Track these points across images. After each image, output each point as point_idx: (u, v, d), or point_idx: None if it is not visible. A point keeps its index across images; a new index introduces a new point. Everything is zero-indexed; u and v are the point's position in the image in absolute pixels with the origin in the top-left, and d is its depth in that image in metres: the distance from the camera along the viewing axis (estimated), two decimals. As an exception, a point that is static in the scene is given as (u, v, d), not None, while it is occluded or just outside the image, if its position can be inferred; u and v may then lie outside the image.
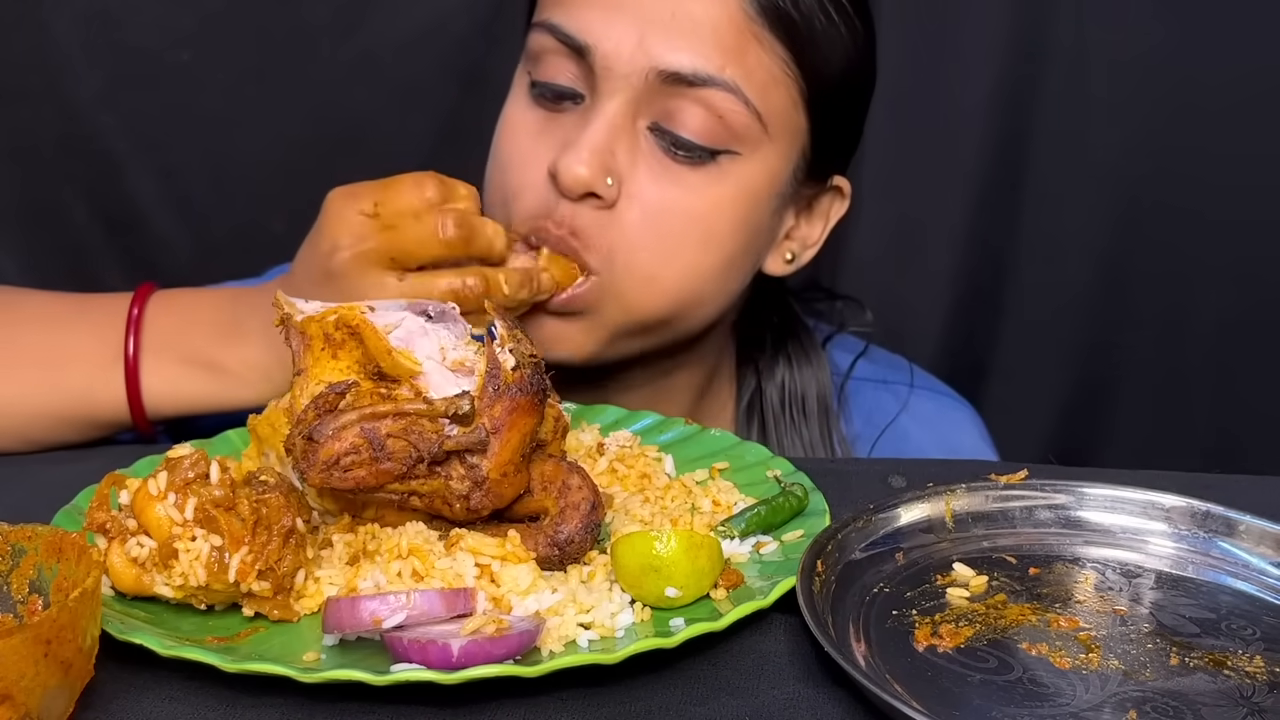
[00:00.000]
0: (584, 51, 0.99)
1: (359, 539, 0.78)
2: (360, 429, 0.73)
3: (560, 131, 1.01)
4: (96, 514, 0.74)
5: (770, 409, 1.17)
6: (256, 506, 0.72)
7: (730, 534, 0.82)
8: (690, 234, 1.01)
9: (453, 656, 0.65)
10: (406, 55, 1.50)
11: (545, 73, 1.02)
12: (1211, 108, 1.57)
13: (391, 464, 0.74)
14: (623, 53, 0.97)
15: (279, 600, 0.73)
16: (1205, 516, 0.85)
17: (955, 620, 0.75)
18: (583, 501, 0.78)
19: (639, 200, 0.99)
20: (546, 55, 1.01)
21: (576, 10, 1.00)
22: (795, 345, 1.19)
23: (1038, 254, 1.64)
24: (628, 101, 0.98)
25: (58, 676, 0.59)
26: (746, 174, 1.01)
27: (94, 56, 1.45)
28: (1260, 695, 0.69)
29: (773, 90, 1.00)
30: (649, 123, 1.00)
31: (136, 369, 0.98)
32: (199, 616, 0.74)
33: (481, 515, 0.78)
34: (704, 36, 0.97)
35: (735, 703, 0.67)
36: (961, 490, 0.87)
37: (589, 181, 0.97)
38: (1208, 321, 1.64)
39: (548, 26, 1.01)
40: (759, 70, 0.99)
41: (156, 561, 0.72)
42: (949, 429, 1.26)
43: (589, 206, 0.99)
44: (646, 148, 1.00)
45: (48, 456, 0.96)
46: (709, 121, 0.98)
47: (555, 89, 1.02)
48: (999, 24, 1.57)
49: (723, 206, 1.01)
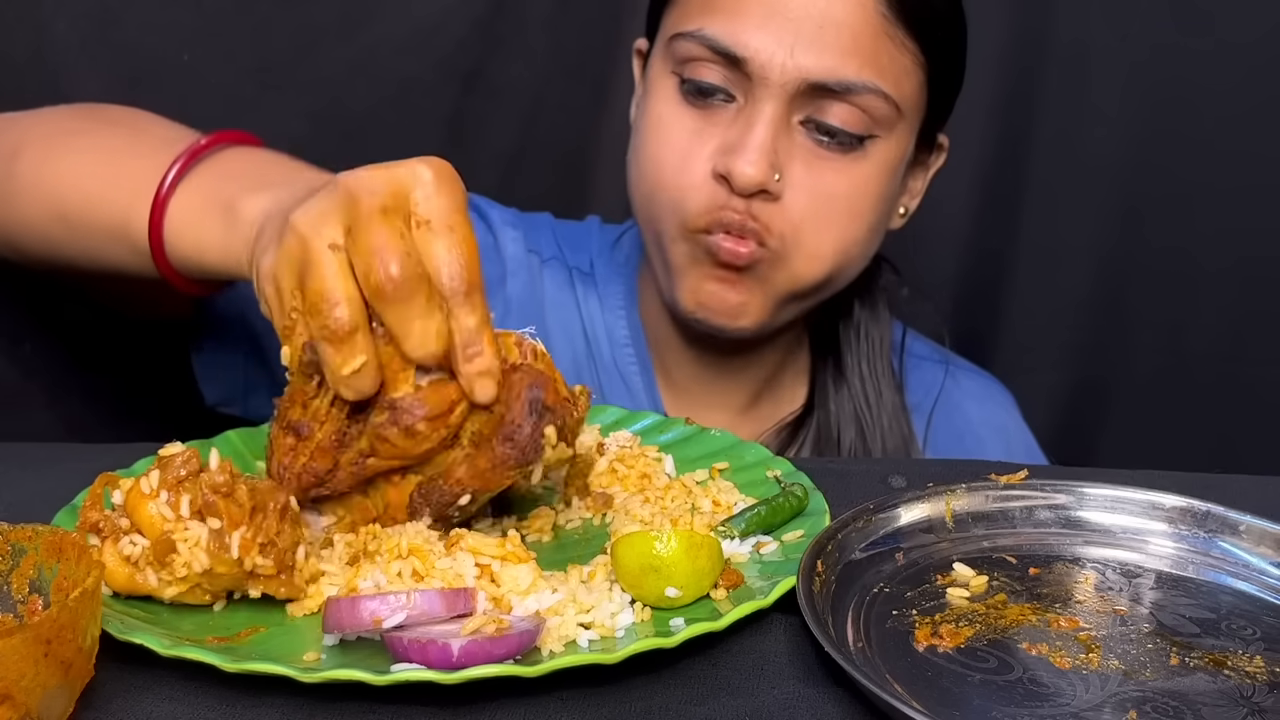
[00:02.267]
0: (739, 61, 1.07)
1: (359, 539, 0.78)
2: (281, 429, 0.78)
3: (717, 130, 1.10)
4: (90, 513, 0.74)
5: (848, 342, 1.27)
6: (254, 492, 0.73)
7: (730, 534, 0.82)
8: (844, 212, 1.11)
9: (453, 656, 0.65)
10: (406, 55, 1.50)
11: (697, 73, 1.10)
12: (1212, 109, 1.57)
13: (317, 437, 0.77)
14: (775, 64, 1.06)
15: (283, 579, 0.73)
16: (1205, 516, 0.85)
17: (955, 620, 0.75)
18: (518, 383, 0.76)
19: (801, 189, 1.09)
20: (694, 60, 1.10)
21: (730, 22, 1.07)
22: (865, 291, 1.28)
23: (1037, 255, 1.64)
24: (782, 103, 1.07)
25: (58, 676, 0.59)
26: (885, 152, 1.12)
27: (94, 56, 1.45)
28: (1260, 695, 0.69)
29: (905, 80, 1.10)
30: (801, 118, 1.09)
31: (168, 196, 0.95)
32: (199, 616, 0.74)
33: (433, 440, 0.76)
34: (846, 44, 1.06)
35: (735, 703, 0.67)
36: (961, 490, 0.87)
37: (762, 181, 1.07)
38: (1208, 322, 1.64)
39: (700, 36, 1.09)
40: (893, 66, 1.09)
41: (150, 560, 0.72)
42: (999, 410, 1.37)
43: (759, 200, 1.09)
44: (800, 140, 1.10)
45: (48, 456, 0.96)
46: (854, 115, 1.08)
47: (709, 87, 1.10)
48: (999, 25, 1.57)
49: (869, 184, 1.12)
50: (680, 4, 1.12)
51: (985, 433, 1.33)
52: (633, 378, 1.25)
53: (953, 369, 1.35)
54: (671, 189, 1.11)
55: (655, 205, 1.13)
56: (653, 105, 1.14)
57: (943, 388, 1.31)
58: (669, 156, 1.12)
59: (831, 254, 1.12)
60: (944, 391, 1.31)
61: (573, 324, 1.26)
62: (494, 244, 1.25)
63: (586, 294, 1.27)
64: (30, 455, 0.97)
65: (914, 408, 1.29)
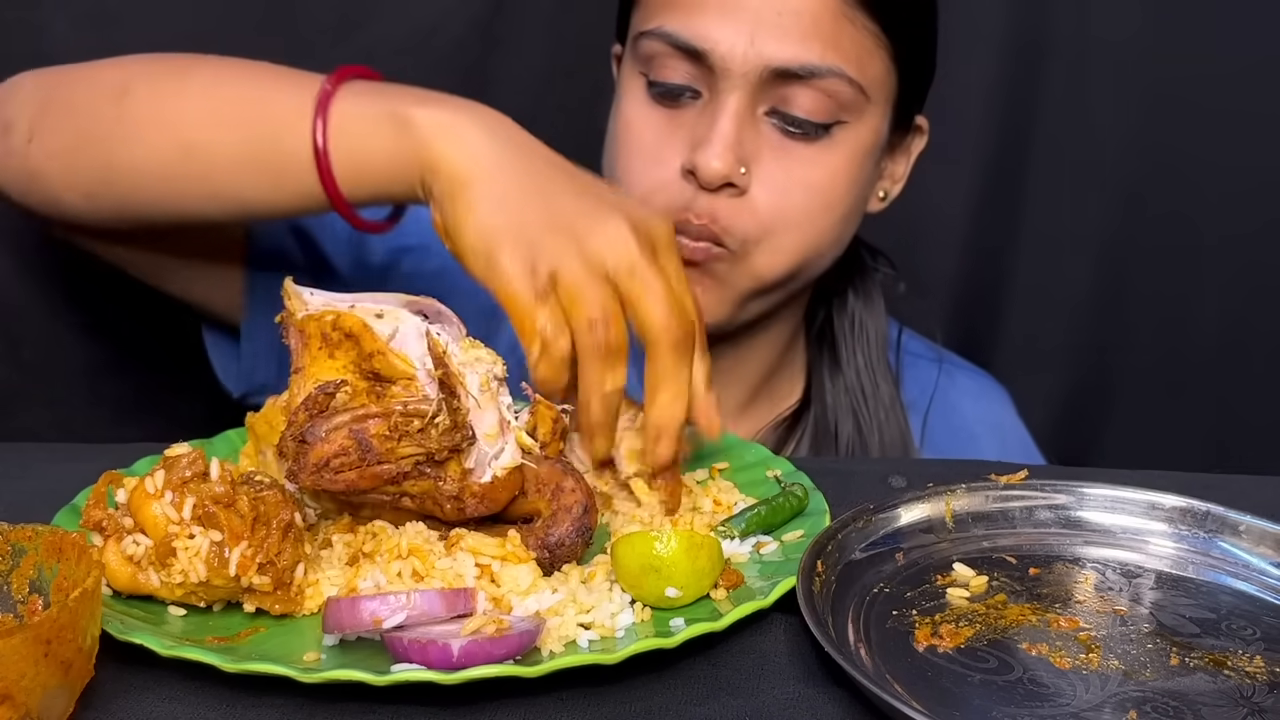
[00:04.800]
0: (700, 55, 1.07)
1: (359, 539, 0.78)
2: (350, 430, 0.74)
3: (683, 129, 1.09)
4: (93, 512, 0.74)
5: (842, 333, 1.27)
6: (255, 503, 0.72)
7: (730, 534, 0.82)
8: (814, 202, 1.10)
9: (453, 656, 0.65)
10: (405, 55, 1.50)
11: (662, 73, 1.10)
12: (1213, 109, 1.57)
13: (381, 466, 0.74)
14: (736, 54, 1.05)
15: (279, 595, 0.73)
16: (1205, 516, 0.85)
17: (955, 620, 0.75)
18: (575, 504, 0.78)
19: (768, 182, 1.08)
20: (659, 58, 1.09)
21: (689, 17, 1.07)
22: (860, 281, 1.28)
23: (1037, 256, 1.64)
24: (746, 95, 1.07)
25: (58, 676, 0.59)
26: (855, 139, 1.11)
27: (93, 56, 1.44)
28: (1260, 695, 0.69)
29: (868, 62, 1.09)
30: (766, 109, 1.08)
31: (328, 104, 0.93)
32: (199, 616, 0.74)
33: (472, 518, 0.78)
34: (806, 29, 1.05)
35: (735, 703, 0.67)
36: (961, 490, 0.87)
37: (727, 174, 1.06)
38: (1208, 322, 1.64)
39: (661, 33, 1.08)
40: (855, 48, 1.07)
41: (153, 560, 0.72)
42: (995, 407, 1.37)
43: (725, 195, 1.08)
44: (766, 131, 1.09)
45: (48, 456, 0.96)
46: (820, 102, 1.07)
47: (675, 87, 1.09)
48: (999, 24, 1.57)
49: (839, 172, 1.11)
50: (643, 4, 1.13)
51: (981, 430, 1.33)
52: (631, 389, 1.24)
53: (948, 367, 1.35)
54: (641, 189, 1.10)
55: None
56: (622, 108, 1.14)
57: (939, 386, 1.30)
58: (638, 157, 1.12)
59: (798, 250, 1.11)
60: (940, 389, 1.30)
61: None
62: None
63: None
64: (30, 455, 0.97)
65: (910, 405, 1.29)
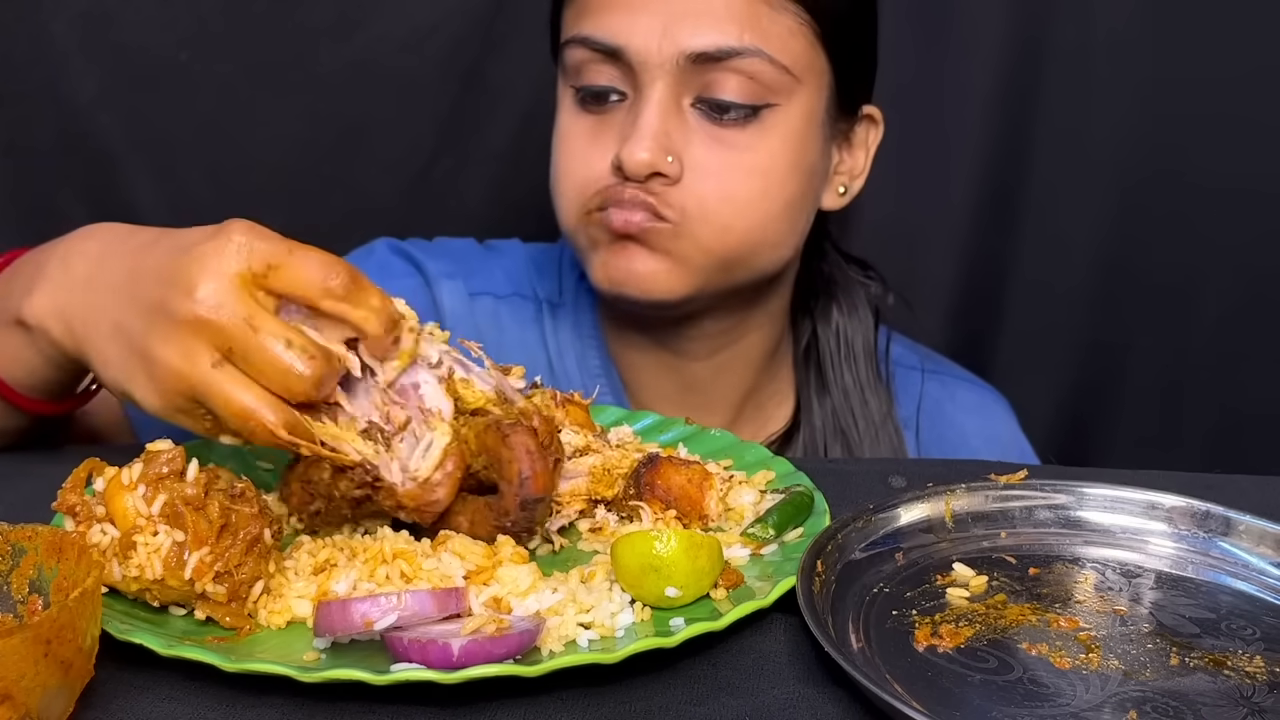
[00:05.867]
0: (618, 53, 1.08)
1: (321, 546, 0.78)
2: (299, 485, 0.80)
3: (612, 130, 1.10)
4: (69, 495, 0.74)
5: (827, 351, 1.26)
6: (226, 512, 0.72)
7: (765, 534, 0.82)
8: (752, 187, 1.10)
9: (453, 656, 0.65)
10: (406, 55, 1.50)
11: (586, 79, 1.11)
12: (1213, 109, 1.57)
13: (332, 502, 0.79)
14: (651, 46, 1.07)
15: (233, 608, 0.72)
16: (1205, 516, 0.85)
17: (955, 620, 0.75)
18: (514, 476, 0.78)
19: (701, 170, 1.09)
20: (584, 65, 1.11)
21: (602, 18, 1.09)
22: (844, 294, 1.27)
23: (1037, 254, 1.64)
24: (668, 86, 1.08)
25: (58, 676, 0.59)
26: (787, 120, 1.10)
27: (92, 56, 1.45)
28: (1260, 695, 0.69)
29: (791, 41, 1.09)
30: (692, 99, 1.09)
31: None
32: (199, 616, 0.74)
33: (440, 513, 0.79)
34: (719, 14, 1.06)
35: (735, 703, 0.67)
36: (961, 490, 0.87)
37: (652, 162, 1.07)
38: (1208, 321, 1.64)
39: (579, 39, 1.10)
40: (774, 27, 1.08)
41: (116, 551, 0.71)
42: (991, 419, 1.35)
43: (656, 184, 1.08)
44: (695, 122, 1.09)
45: (48, 456, 0.96)
46: (744, 85, 1.08)
47: (599, 90, 1.11)
48: (999, 24, 1.57)
49: (775, 155, 1.10)
50: (565, 16, 1.14)
51: (979, 443, 1.31)
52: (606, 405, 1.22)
53: (946, 379, 1.33)
54: (575, 191, 1.12)
55: (565, 210, 1.14)
56: (558, 120, 1.16)
57: (926, 394, 1.29)
58: (570, 161, 1.13)
59: (743, 226, 1.10)
60: (936, 403, 1.29)
61: (537, 360, 1.24)
62: (431, 301, 1.23)
63: (557, 325, 1.25)
64: (30, 456, 0.97)
65: (904, 422, 1.27)
